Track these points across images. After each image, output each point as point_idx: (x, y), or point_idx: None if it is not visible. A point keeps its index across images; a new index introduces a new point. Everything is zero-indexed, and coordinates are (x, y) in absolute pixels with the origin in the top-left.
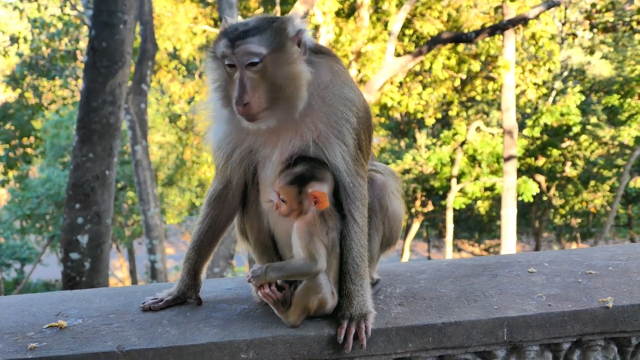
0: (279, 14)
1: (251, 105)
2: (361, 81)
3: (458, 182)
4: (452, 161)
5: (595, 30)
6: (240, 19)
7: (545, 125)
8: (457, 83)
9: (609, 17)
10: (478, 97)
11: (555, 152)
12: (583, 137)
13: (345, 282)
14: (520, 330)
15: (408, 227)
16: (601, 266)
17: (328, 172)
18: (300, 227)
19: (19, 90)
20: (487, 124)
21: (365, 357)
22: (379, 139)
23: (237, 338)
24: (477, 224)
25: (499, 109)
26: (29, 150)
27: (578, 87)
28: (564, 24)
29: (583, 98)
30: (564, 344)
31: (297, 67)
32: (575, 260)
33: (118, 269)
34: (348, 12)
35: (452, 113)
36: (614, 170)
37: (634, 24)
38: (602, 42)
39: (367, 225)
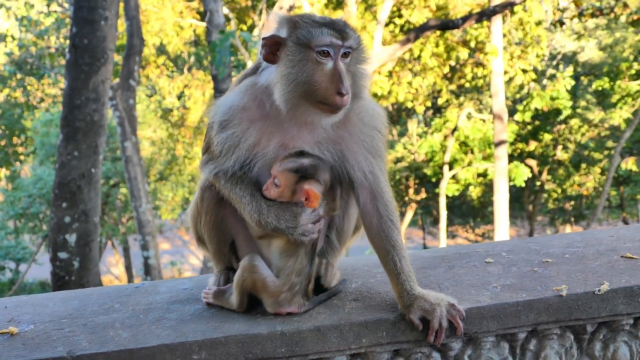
0: (265, 6)
1: (349, 95)
2: None
3: (450, 169)
4: (444, 148)
5: (582, 15)
6: (225, 10)
7: (536, 109)
8: (447, 70)
9: (594, 1)
10: (467, 85)
11: (546, 137)
12: (573, 121)
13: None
14: (475, 321)
15: (402, 215)
16: (558, 254)
17: (328, 174)
18: None
19: (7, 90)
20: (481, 111)
21: (320, 353)
22: None
23: (189, 339)
24: (471, 210)
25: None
26: (19, 149)
27: (568, 72)
28: (561, 11)
29: (573, 82)
30: (520, 334)
31: (369, 66)
32: (533, 248)
33: (114, 266)
34: (336, 2)
35: (441, 101)
36: (605, 153)
37: (618, 8)
38: (596, 27)
39: (349, 203)
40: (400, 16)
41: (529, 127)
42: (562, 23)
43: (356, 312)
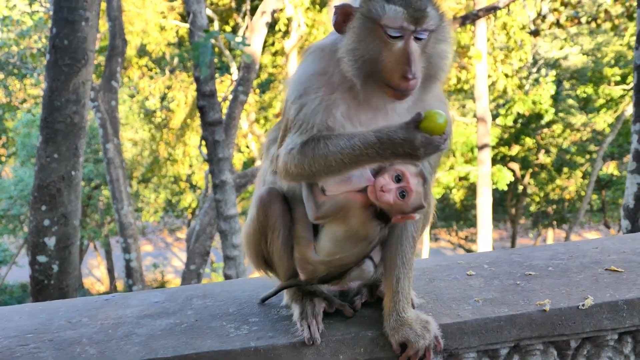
0: (249, 8)
1: (416, 80)
2: None
3: None
4: None
5: (560, 25)
6: (209, 12)
7: (518, 113)
8: None
9: (566, 11)
10: (450, 89)
11: (528, 141)
12: (556, 125)
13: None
14: (455, 337)
15: None
16: (541, 267)
17: None
18: None
19: None
20: (465, 115)
21: None
22: None
23: (158, 356)
24: (454, 213)
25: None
26: (0, 150)
27: (551, 76)
28: (543, 17)
29: (555, 88)
30: (502, 350)
31: (451, 47)
32: (516, 260)
33: (96, 268)
34: (321, 4)
35: None
36: (587, 157)
37: (601, 15)
38: (578, 34)
39: None
40: None
41: (512, 131)
42: (536, 33)
43: (333, 327)
